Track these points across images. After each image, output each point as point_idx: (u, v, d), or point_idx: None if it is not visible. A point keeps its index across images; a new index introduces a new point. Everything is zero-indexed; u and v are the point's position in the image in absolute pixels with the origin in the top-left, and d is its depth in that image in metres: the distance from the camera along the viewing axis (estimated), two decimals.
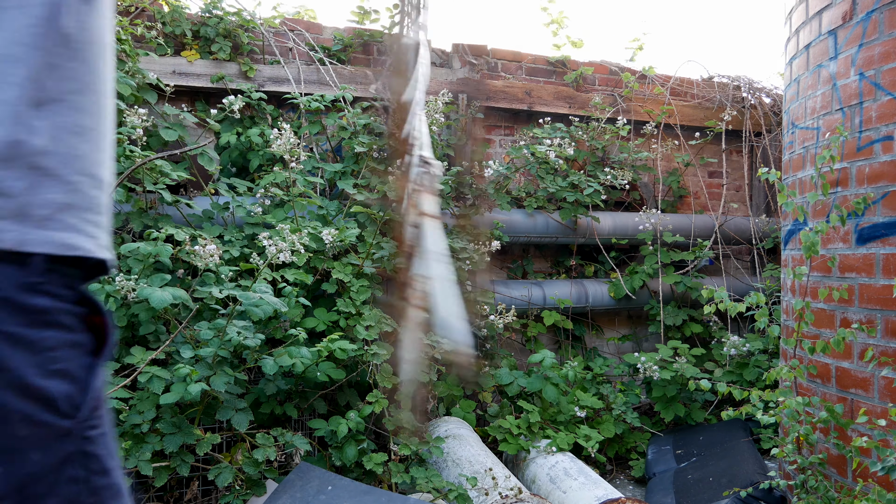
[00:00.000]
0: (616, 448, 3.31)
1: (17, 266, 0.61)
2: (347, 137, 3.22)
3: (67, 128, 0.66)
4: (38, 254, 0.62)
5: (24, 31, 0.62)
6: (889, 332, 2.04)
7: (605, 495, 2.32)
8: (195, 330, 2.34)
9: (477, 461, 2.54)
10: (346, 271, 2.77)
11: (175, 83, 3.10)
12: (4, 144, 0.60)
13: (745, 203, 4.45)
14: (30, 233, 0.62)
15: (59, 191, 0.64)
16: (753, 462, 2.73)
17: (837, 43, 2.28)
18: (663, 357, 3.41)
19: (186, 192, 3.17)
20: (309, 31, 3.58)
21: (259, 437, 2.34)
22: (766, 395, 2.20)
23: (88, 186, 0.68)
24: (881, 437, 1.97)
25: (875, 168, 2.12)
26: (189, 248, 2.32)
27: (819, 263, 2.35)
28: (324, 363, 2.52)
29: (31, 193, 0.62)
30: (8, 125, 0.61)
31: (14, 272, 0.61)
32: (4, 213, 0.60)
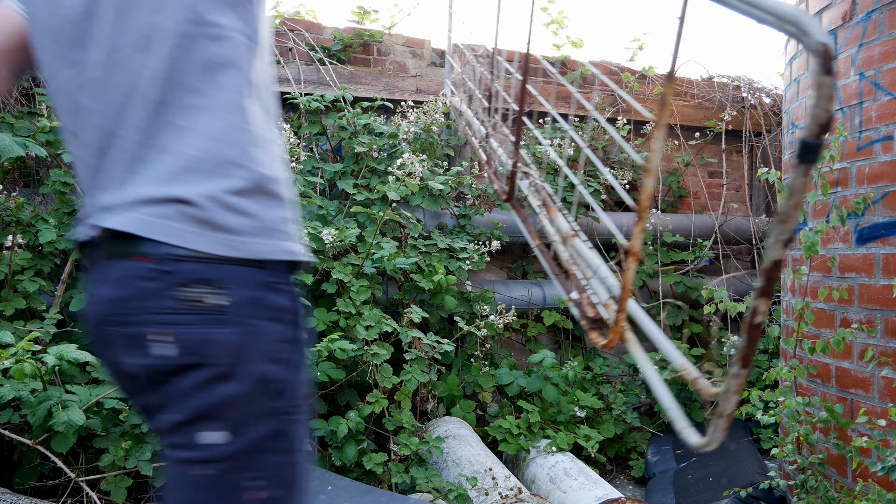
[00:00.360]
0: (616, 448, 3.31)
1: (264, 270, 0.79)
2: (347, 137, 3.22)
3: (275, 157, 0.86)
4: (277, 261, 0.81)
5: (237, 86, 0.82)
6: (889, 332, 2.04)
7: (605, 495, 2.32)
8: None
9: (477, 461, 2.54)
10: (346, 271, 2.77)
11: None
12: (250, 180, 0.80)
13: (745, 203, 4.45)
14: (272, 244, 0.81)
15: (281, 208, 0.84)
16: (753, 462, 2.73)
17: (837, 43, 2.29)
18: (663, 357, 3.41)
19: None
20: (309, 30, 3.58)
21: None
22: (766, 395, 2.20)
23: (290, 201, 0.88)
24: (881, 437, 1.97)
25: (875, 168, 2.12)
26: None
27: (819, 263, 2.35)
28: (324, 363, 2.52)
29: (267, 213, 0.82)
30: (249, 164, 0.81)
31: (263, 276, 0.79)
32: (255, 230, 0.80)
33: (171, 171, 0.78)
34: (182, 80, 0.79)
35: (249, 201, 0.80)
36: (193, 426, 0.77)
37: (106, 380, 2.21)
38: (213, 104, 0.80)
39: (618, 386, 3.54)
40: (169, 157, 0.78)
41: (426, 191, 3.14)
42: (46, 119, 2.50)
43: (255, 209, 0.81)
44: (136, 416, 2.14)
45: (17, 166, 2.72)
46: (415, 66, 3.77)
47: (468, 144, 3.73)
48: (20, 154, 2.14)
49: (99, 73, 0.81)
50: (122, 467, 2.07)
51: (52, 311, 2.31)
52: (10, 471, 2.24)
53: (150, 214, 0.77)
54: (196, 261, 0.76)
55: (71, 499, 2.19)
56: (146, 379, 0.78)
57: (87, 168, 0.85)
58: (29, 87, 2.85)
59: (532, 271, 3.94)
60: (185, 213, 0.77)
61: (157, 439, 0.82)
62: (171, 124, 0.79)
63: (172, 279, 0.76)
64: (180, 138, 0.78)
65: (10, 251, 2.29)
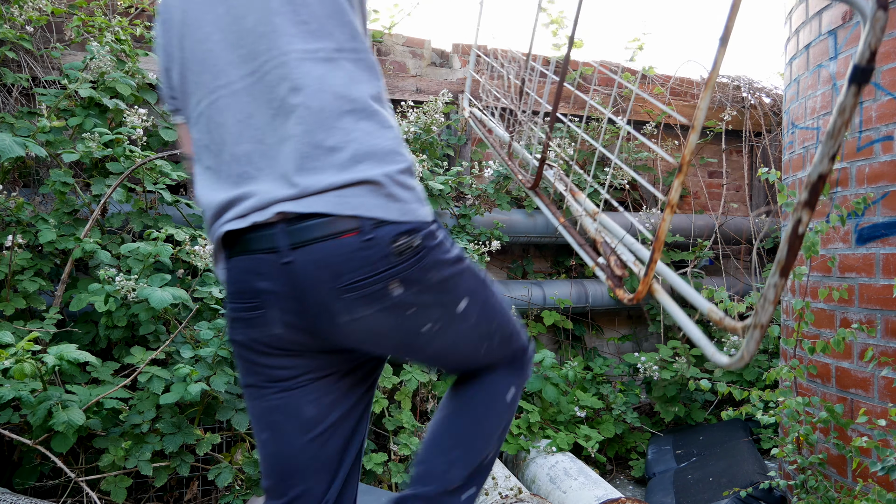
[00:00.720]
0: (616, 448, 3.31)
1: (427, 225, 1.03)
2: None
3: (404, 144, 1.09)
4: (432, 221, 1.05)
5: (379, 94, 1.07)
6: (889, 332, 2.04)
7: (605, 495, 2.32)
8: (195, 330, 2.34)
9: None
10: None
11: None
12: (407, 163, 1.04)
13: (745, 203, 4.45)
14: (425, 209, 1.05)
15: (419, 185, 1.07)
16: (753, 462, 2.73)
17: (837, 43, 2.29)
18: (663, 357, 3.41)
19: (186, 192, 3.17)
20: None
21: None
22: (766, 395, 2.20)
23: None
24: (881, 437, 1.97)
25: (875, 168, 2.12)
26: (189, 248, 2.32)
27: (819, 263, 2.35)
28: None
29: (417, 186, 1.05)
30: (403, 152, 1.04)
31: (430, 230, 1.03)
32: (415, 200, 1.03)
33: (347, 161, 0.98)
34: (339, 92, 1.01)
35: (409, 179, 1.04)
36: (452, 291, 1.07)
37: (106, 380, 2.21)
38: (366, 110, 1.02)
39: (618, 386, 3.54)
40: (343, 152, 0.98)
41: (426, 191, 3.14)
42: (46, 119, 2.50)
43: (413, 184, 1.04)
44: (136, 416, 2.14)
45: (17, 166, 2.72)
46: (415, 66, 3.77)
47: (468, 144, 3.73)
48: (20, 154, 2.14)
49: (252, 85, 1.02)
50: (122, 467, 2.07)
51: (52, 311, 2.31)
52: (10, 471, 2.24)
53: (349, 196, 0.97)
54: (387, 225, 0.98)
55: (71, 499, 2.19)
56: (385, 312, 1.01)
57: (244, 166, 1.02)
58: (29, 87, 2.86)
59: (532, 271, 3.94)
60: (374, 192, 0.98)
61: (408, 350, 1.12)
62: (337, 128, 0.99)
63: (381, 244, 0.97)
64: (350, 137, 0.99)
65: (10, 251, 2.29)
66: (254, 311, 1.03)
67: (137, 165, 2.52)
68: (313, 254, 0.96)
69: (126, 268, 2.38)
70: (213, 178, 1.06)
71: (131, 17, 3.22)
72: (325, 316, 1.00)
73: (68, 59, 2.96)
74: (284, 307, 1.00)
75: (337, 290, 0.97)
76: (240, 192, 1.01)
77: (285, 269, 0.98)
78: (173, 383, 2.13)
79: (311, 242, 0.96)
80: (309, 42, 1.00)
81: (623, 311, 4.13)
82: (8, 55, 2.78)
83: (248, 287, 1.02)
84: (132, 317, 2.31)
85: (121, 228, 2.74)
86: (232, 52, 1.03)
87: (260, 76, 1.01)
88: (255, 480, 2.28)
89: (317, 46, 1.00)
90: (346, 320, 1.00)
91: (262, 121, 1.01)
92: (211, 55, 1.04)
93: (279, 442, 1.09)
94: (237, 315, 1.06)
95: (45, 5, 2.84)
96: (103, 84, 2.73)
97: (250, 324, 1.04)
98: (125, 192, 2.58)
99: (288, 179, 0.98)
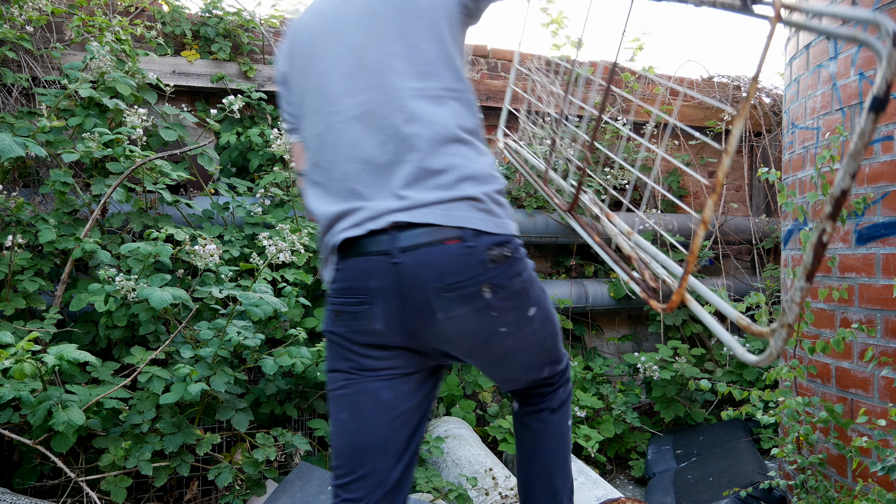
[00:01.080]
0: (616, 448, 3.31)
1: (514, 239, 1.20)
2: None
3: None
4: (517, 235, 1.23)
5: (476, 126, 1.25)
6: (889, 332, 2.04)
7: (605, 495, 2.32)
8: (195, 330, 2.34)
9: (477, 461, 2.54)
10: None
11: (175, 83, 3.10)
12: (502, 184, 1.22)
13: (745, 203, 4.45)
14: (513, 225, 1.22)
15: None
16: (753, 462, 2.73)
17: (837, 43, 2.28)
18: (663, 357, 3.41)
19: (186, 192, 3.17)
20: None
21: (259, 437, 2.34)
22: (766, 395, 2.20)
23: None
24: (881, 437, 1.97)
25: (875, 168, 2.12)
26: (189, 248, 2.32)
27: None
28: (324, 363, 2.51)
29: (508, 205, 1.24)
30: (497, 175, 1.22)
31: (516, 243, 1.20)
32: (509, 216, 1.22)
33: (453, 182, 1.15)
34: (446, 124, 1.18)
35: (503, 198, 1.22)
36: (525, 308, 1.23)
37: (106, 380, 2.21)
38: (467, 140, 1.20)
39: (618, 386, 3.54)
40: (450, 174, 1.15)
41: None
42: (46, 119, 2.50)
43: (505, 203, 1.22)
44: (136, 416, 2.14)
45: (17, 166, 2.72)
46: None
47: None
48: (20, 154, 2.14)
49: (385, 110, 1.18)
50: (122, 467, 2.07)
51: (52, 311, 2.31)
52: (10, 471, 2.24)
53: (454, 210, 1.14)
54: (484, 236, 1.14)
55: (71, 499, 2.19)
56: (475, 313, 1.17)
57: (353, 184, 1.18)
58: (29, 87, 2.86)
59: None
60: (474, 207, 1.15)
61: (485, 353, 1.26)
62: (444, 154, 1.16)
63: (479, 252, 1.13)
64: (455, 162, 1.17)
65: (10, 251, 2.29)
66: (361, 306, 1.18)
67: (137, 165, 2.52)
68: (420, 257, 1.12)
69: (126, 268, 2.38)
70: (322, 193, 1.24)
71: (131, 16, 3.22)
72: (424, 312, 1.15)
73: (68, 59, 2.96)
74: (389, 303, 1.16)
75: (438, 289, 1.13)
76: (350, 205, 1.18)
77: (394, 269, 1.13)
78: (173, 383, 2.13)
79: (419, 247, 1.13)
80: (421, 81, 1.18)
81: (623, 311, 4.13)
82: (8, 55, 2.78)
83: (359, 284, 1.17)
84: (132, 317, 2.31)
85: (121, 228, 2.74)
86: (349, 85, 1.20)
87: (373, 107, 1.18)
88: (255, 480, 2.28)
89: (427, 85, 1.18)
90: (442, 318, 1.15)
91: (372, 145, 1.17)
92: (330, 86, 1.22)
93: (357, 421, 1.23)
94: (344, 309, 1.20)
95: (45, 5, 2.84)
96: (103, 84, 2.73)
97: (356, 317, 1.19)
98: (125, 192, 2.58)
99: (399, 195, 1.14)
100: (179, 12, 3.26)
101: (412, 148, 1.15)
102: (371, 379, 1.23)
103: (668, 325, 3.84)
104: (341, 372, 1.25)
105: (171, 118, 2.95)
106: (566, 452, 1.45)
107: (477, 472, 2.45)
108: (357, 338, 1.21)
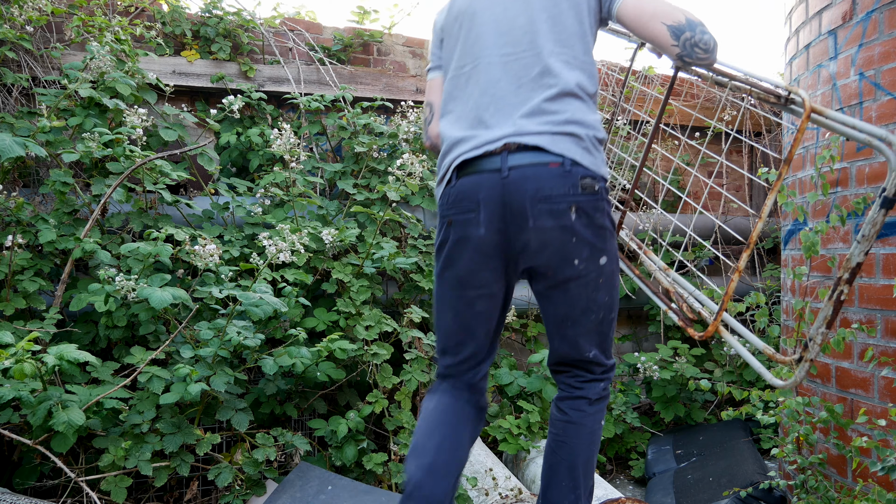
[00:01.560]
0: (616, 448, 3.31)
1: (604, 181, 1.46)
2: (347, 137, 3.22)
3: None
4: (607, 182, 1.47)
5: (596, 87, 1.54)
6: (889, 332, 2.04)
7: (605, 495, 2.32)
8: (195, 330, 2.34)
9: (477, 461, 2.54)
10: (346, 271, 2.77)
11: (175, 83, 3.10)
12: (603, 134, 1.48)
13: (746, 203, 4.45)
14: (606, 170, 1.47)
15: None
16: (753, 462, 2.73)
17: (837, 43, 2.28)
18: (663, 357, 3.41)
19: (186, 192, 3.17)
20: (309, 30, 3.58)
21: (259, 437, 2.34)
22: (766, 395, 2.20)
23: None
24: (881, 437, 1.97)
25: (875, 168, 2.12)
26: (189, 248, 2.32)
27: (819, 263, 2.35)
28: (324, 363, 2.51)
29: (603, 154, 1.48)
30: (599, 126, 1.46)
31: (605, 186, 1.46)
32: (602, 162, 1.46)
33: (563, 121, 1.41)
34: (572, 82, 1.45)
35: (601, 145, 1.47)
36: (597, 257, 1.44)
37: (106, 380, 2.21)
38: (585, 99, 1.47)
39: (618, 386, 3.54)
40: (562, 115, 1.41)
41: (426, 191, 3.14)
42: (46, 119, 2.50)
43: (602, 151, 1.46)
44: (136, 416, 2.14)
45: (17, 166, 2.72)
46: (415, 66, 3.77)
47: None
48: (20, 154, 2.14)
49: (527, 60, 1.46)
50: (122, 467, 2.07)
51: (52, 311, 2.31)
52: (10, 471, 2.24)
53: (559, 140, 1.39)
54: (580, 167, 1.40)
55: (71, 499, 2.19)
56: (561, 235, 1.39)
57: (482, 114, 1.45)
58: (29, 87, 2.86)
59: None
60: (576, 143, 1.41)
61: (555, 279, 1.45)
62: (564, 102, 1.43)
63: (573, 177, 1.38)
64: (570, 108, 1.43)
65: (10, 251, 2.29)
66: (469, 214, 1.42)
67: (137, 165, 2.52)
68: (524, 172, 1.37)
69: (126, 268, 2.38)
70: (454, 120, 1.51)
71: (131, 16, 3.22)
72: (519, 219, 1.38)
73: (68, 59, 2.96)
74: (493, 210, 1.39)
75: (535, 199, 1.37)
76: (473, 132, 1.44)
77: (502, 182, 1.38)
78: (173, 383, 2.13)
79: (525, 166, 1.38)
80: (559, 47, 1.46)
81: (623, 310, 4.13)
82: (8, 55, 2.78)
83: (470, 196, 1.41)
84: (132, 317, 2.31)
85: (121, 228, 2.74)
86: (500, 38, 1.49)
87: (515, 58, 1.46)
88: (254, 480, 2.29)
89: (563, 51, 1.46)
90: (532, 226, 1.38)
91: (507, 88, 1.45)
92: (484, 36, 1.50)
93: (462, 313, 1.51)
94: (455, 218, 1.45)
95: (45, 5, 2.84)
96: (103, 84, 2.73)
97: (464, 224, 1.43)
98: (125, 192, 2.58)
99: (516, 124, 1.40)
100: (179, 12, 3.26)
101: (539, 94, 1.42)
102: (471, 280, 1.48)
103: (668, 326, 3.84)
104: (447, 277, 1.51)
105: (171, 118, 2.95)
106: (593, 454, 1.56)
107: (477, 472, 2.45)
108: (463, 244, 1.45)
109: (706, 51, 1.39)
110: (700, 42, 1.39)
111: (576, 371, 1.56)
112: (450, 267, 1.48)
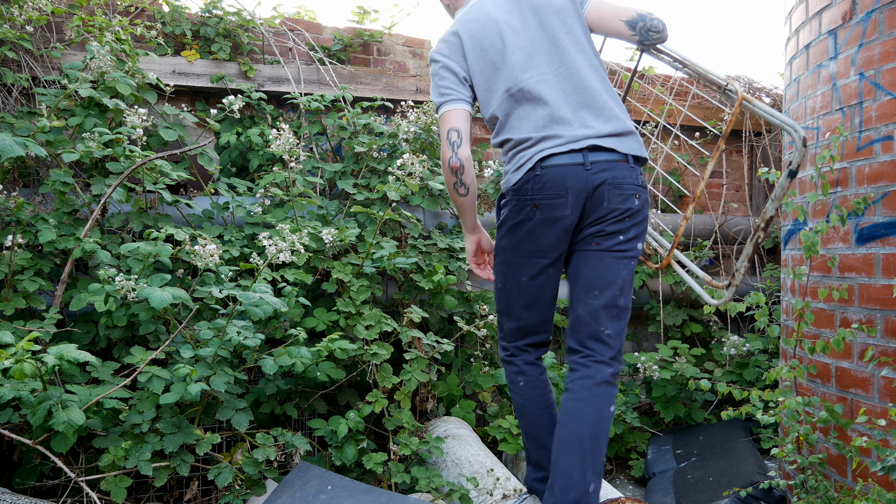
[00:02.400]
0: (616, 448, 3.31)
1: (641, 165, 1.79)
2: (347, 137, 3.22)
3: None
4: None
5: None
6: (889, 332, 2.04)
7: (605, 495, 2.32)
8: (195, 330, 2.34)
9: (477, 461, 2.54)
10: (346, 271, 2.77)
11: (175, 83, 3.10)
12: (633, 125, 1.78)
13: (745, 203, 4.45)
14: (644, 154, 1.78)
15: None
16: (753, 462, 2.73)
17: (837, 43, 2.29)
18: (663, 357, 3.41)
19: (186, 191, 3.17)
20: (309, 30, 3.58)
21: (259, 436, 2.34)
22: (766, 395, 2.20)
23: None
24: (881, 436, 1.97)
25: (875, 168, 2.12)
26: (189, 247, 2.32)
27: (819, 263, 2.35)
28: (324, 363, 2.51)
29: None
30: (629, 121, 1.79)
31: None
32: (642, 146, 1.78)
33: (622, 123, 1.72)
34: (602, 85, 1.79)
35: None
36: (635, 240, 1.74)
37: (106, 380, 2.21)
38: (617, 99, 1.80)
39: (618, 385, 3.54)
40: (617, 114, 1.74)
41: (426, 191, 3.14)
42: (46, 119, 2.50)
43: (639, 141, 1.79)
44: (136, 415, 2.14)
45: (17, 166, 2.72)
46: (415, 66, 3.77)
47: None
48: (20, 154, 2.14)
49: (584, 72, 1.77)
50: (122, 467, 2.07)
51: (52, 311, 2.31)
52: (10, 471, 2.24)
53: (624, 141, 1.72)
54: (640, 160, 1.76)
55: (71, 499, 2.19)
56: (622, 214, 1.70)
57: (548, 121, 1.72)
58: (29, 87, 2.86)
59: None
60: (633, 137, 1.74)
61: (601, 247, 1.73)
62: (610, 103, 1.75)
63: (636, 169, 1.73)
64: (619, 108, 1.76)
65: (10, 251, 2.29)
66: (558, 199, 1.68)
67: (137, 165, 2.52)
68: (603, 167, 1.68)
69: (126, 268, 2.38)
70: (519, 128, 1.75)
71: (131, 16, 3.22)
72: (598, 200, 1.68)
73: (68, 58, 2.96)
74: (578, 196, 1.67)
75: (612, 185, 1.67)
76: (551, 132, 1.70)
77: (586, 173, 1.67)
78: (173, 383, 2.13)
79: (603, 162, 1.68)
80: (581, 56, 1.76)
81: None
82: (8, 55, 2.78)
83: (558, 183, 1.67)
84: (132, 317, 2.31)
85: (121, 228, 2.74)
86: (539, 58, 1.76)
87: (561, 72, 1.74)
88: (254, 480, 2.29)
89: (585, 59, 1.77)
90: (606, 205, 1.69)
91: (559, 97, 1.72)
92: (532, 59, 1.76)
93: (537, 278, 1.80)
94: (542, 202, 1.69)
95: (45, 5, 2.84)
96: (103, 84, 2.73)
97: (552, 207, 1.69)
98: (125, 192, 2.58)
99: (587, 125, 1.69)
100: (179, 12, 3.26)
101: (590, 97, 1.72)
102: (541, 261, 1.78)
103: (668, 325, 3.84)
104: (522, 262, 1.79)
105: (171, 118, 2.95)
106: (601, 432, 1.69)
107: (477, 472, 2.45)
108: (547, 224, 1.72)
109: (658, 31, 1.74)
110: (652, 27, 1.74)
111: (587, 350, 1.73)
112: (531, 240, 1.74)
